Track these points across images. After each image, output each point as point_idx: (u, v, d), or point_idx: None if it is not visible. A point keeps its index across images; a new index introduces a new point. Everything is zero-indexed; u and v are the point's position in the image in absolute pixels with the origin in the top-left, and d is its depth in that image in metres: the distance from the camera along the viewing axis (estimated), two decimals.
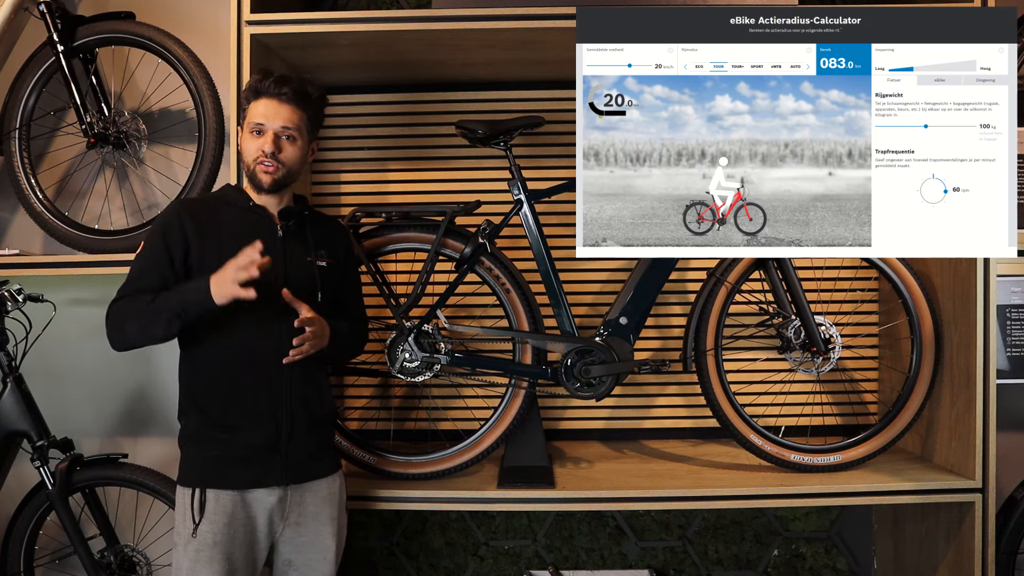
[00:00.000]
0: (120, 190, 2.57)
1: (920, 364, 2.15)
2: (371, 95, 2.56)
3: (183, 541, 1.67)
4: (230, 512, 1.67)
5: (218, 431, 1.68)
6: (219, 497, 1.67)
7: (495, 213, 2.19)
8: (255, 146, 1.72)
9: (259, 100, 1.73)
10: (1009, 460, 2.42)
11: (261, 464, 1.70)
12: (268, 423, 1.70)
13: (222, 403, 1.69)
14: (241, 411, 1.69)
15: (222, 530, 1.66)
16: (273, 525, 1.73)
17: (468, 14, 2.02)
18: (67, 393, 2.55)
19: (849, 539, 2.62)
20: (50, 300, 2.28)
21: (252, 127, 1.73)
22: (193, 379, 1.72)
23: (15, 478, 2.31)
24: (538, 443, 2.19)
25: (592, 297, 2.57)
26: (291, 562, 1.77)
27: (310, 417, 1.76)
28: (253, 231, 1.71)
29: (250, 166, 1.73)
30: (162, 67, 2.35)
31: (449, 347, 2.09)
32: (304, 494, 1.76)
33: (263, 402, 1.70)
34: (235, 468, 1.68)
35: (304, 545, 1.77)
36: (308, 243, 1.81)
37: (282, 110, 1.73)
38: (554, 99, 2.54)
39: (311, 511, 1.77)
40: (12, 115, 2.33)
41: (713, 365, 2.11)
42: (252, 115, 1.73)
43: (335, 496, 1.82)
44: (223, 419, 1.68)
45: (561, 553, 2.62)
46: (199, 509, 1.66)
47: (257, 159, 1.72)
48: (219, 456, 1.68)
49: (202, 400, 1.70)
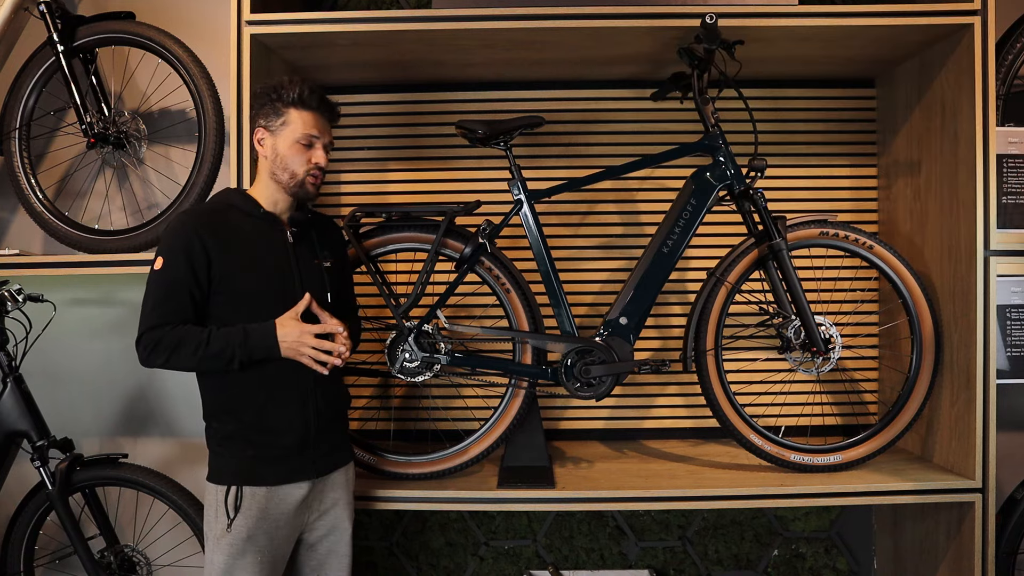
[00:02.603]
0: (120, 190, 2.57)
1: (920, 364, 2.15)
2: (371, 95, 2.56)
3: (216, 535, 1.72)
4: (263, 507, 1.73)
5: (253, 434, 1.73)
6: (253, 493, 1.72)
7: (495, 213, 2.19)
8: (306, 158, 1.77)
9: (306, 112, 1.76)
10: (1009, 460, 2.43)
11: (293, 462, 1.77)
12: (299, 423, 1.76)
13: (256, 408, 1.73)
14: (275, 415, 1.74)
15: (255, 524, 1.71)
16: (301, 516, 1.81)
17: (468, 14, 2.02)
18: (67, 393, 2.55)
19: (849, 539, 2.62)
20: (50, 300, 2.28)
21: (303, 138, 1.76)
22: (221, 385, 1.75)
23: (15, 478, 2.31)
24: (538, 443, 2.19)
25: (592, 297, 2.57)
26: (314, 547, 1.86)
27: (332, 411, 1.84)
28: (266, 239, 1.78)
29: (299, 175, 1.77)
30: (162, 67, 2.36)
31: (449, 347, 2.09)
32: (326, 484, 1.84)
33: (293, 404, 1.76)
34: (269, 467, 1.74)
35: (326, 531, 1.85)
36: (314, 246, 1.86)
37: (327, 127, 1.81)
38: (554, 99, 2.55)
39: (331, 498, 1.85)
40: (12, 115, 2.33)
41: (713, 365, 2.11)
42: (302, 126, 1.76)
43: (350, 482, 1.92)
44: (258, 423, 1.73)
45: (561, 553, 2.62)
46: (234, 505, 1.71)
47: (310, 171, 1.78)
48: (254, 456, 1.74)
49: (234, 405, 1.74)
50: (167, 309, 1.68)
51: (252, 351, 1.68)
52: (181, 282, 1.68)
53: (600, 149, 2.56)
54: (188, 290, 1.68)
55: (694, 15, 2.00)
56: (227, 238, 1.72)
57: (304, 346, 1.71)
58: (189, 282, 1.68)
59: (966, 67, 2.05)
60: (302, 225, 1.84)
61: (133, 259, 2.14)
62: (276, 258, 1.77)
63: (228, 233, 1.73)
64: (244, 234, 1.75)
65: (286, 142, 1.76)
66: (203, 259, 1.69)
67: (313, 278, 1.81)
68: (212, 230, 1.72)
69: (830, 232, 2.14)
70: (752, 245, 2.12)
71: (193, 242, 1.69)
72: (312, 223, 1.88)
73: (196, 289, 1.69)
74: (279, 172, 1.77)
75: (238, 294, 1.72)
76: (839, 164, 2.57)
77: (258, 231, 1.77)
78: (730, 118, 2.22)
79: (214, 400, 1.76)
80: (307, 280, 1.79)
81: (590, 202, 2.56)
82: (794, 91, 2.56)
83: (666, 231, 2.09)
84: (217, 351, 1.66)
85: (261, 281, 1.74)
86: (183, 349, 1.66)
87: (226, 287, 1.71)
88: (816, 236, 2.14)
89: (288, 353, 1.71)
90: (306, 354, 1.72)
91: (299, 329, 1.71)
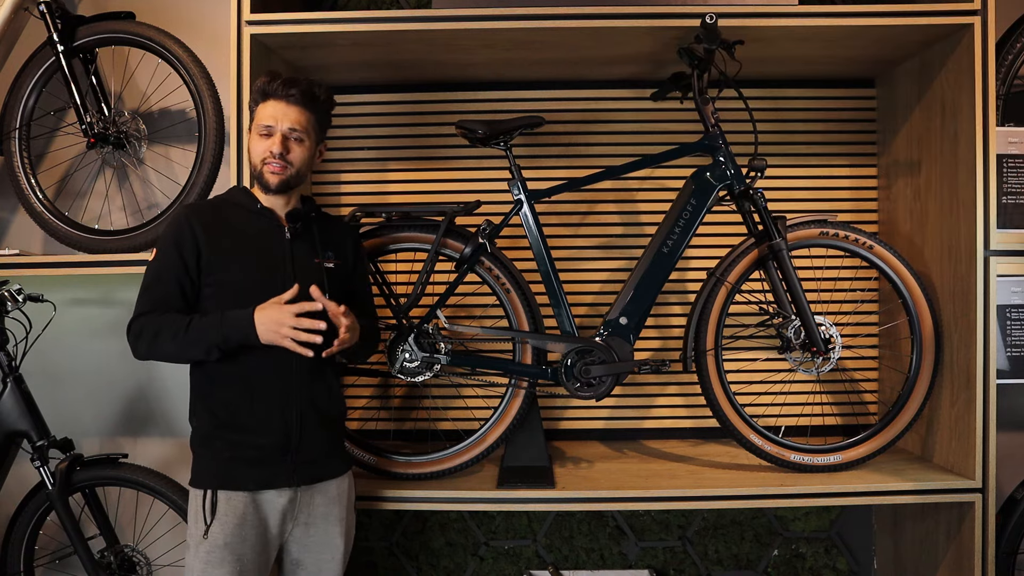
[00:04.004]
0: (120, 190, 2.57)
1: (920, 364, 2.15)
2: (371, 95, 2.56)
3: (195, 542, 1.67)
4: (241, 513, 1.67)
5: (228, 432, 1.69)
6: (230, 498, 1.67)
7: (495, 213, 2.19)
8: (263, 147, 1.72)
9: (267, 102, 1.73)
10: (1009, 460, 2.43)
11: (271, 465, 1.70)
12: (278, 424, 1.70)
13: (231, 404, 1.69)
14: (250, 412, 1.69)
15: (233, 531, 1.66)
16: (283, 526, 1.73)
17: (468, 14, 2.02)
18: (67, 393, 2.55)
19: (849, 539, 2.62)
20: (50, 300, 2.28)
21: (260, 129, 1.73)
22: (203, 380, 1.72)
23: (15, 478, 2.31)
24: (538, 443, 2.19)
25: (592, 297, 2.57)
26: (300, 562, 1.78)
27: (320, 417, 1.76)
28: (261, 233, 1.74)
29: (257, 167, 1.74)
30: (162, 67, 2.36)
31: (449, 347, 2.09)
32: (314, 495, 1.76)
33: (273, 403, 1.70)
34: (246, 469, 1.68)
35: (313, 545, 1.77)
36: (315, 244, 1.81)
37: (290, 111, 1.73)
38: (554, 99, 2.55)
39: (320, 511, 1.77)
40: (12, 115, 2.33)
41: (713, 365, 2.11)
42: (260, 117, 1.74)
43: (344, 496, 1.82)
44: (232, 420, 1.69)
45: (561, 553, 2.62)
46: (210, 510, 1.66)
47: (264, 160, 1.72)
48: (230, 457, 1.68)
49: (212, 401, 1.70)
50: (154, 296, 1.67)
51: (228, 335, 1.63)
52: (169, 269, 1.67)
53: (600, 149, 2.56)
54: (176, 278, 1.67)
55: (694, 15, 2.00)
56: (220, 229, 1.71)
57: (283, 326, 1.61)
58: (178, 270, 1.67)
59: (966, 67, 2.05)
60: (301, 222, 1.79)
61: (133, 259, 2.14)
62: (268, 252, 1.74)
63: (222, 225, 1.72)
64: (239, 227, 1.73)
65: (253, 137, 1.75)
66: (193, 249, 1.68)
67: (310, 276, 1.74)
68: (206, 222, 1.71)
69: (830, 232, 2.14)
70: (752, 245, 2.12)
71: (184, 232, 1.68)
72: (316, 221, 1.84)
73: (185, 278, 1.68)
74: (252, 165, 1.75)
75: (224, 285, 1.69)
76: (839, 164, 2.57)
77: (253, 225, 1.75)
78: (730, 118, 2.22)
79: (195, 397, 1.74)
80: (303, 278, 1.72)
81: (590, 202, 2.56)
82: (794, 91, 2.56)
83: (666, 231, 2.09)
84: (195, 337, 1.63)
85: (248, 272, 1.70)
86: (163, 334, 1.63)
87: (214, 278, 1.69)
88: (816, 236, 2.14)
89: (268, 337, 1.62)
90: (287, 335, 1.61)
91: (276, 308, 1.63)
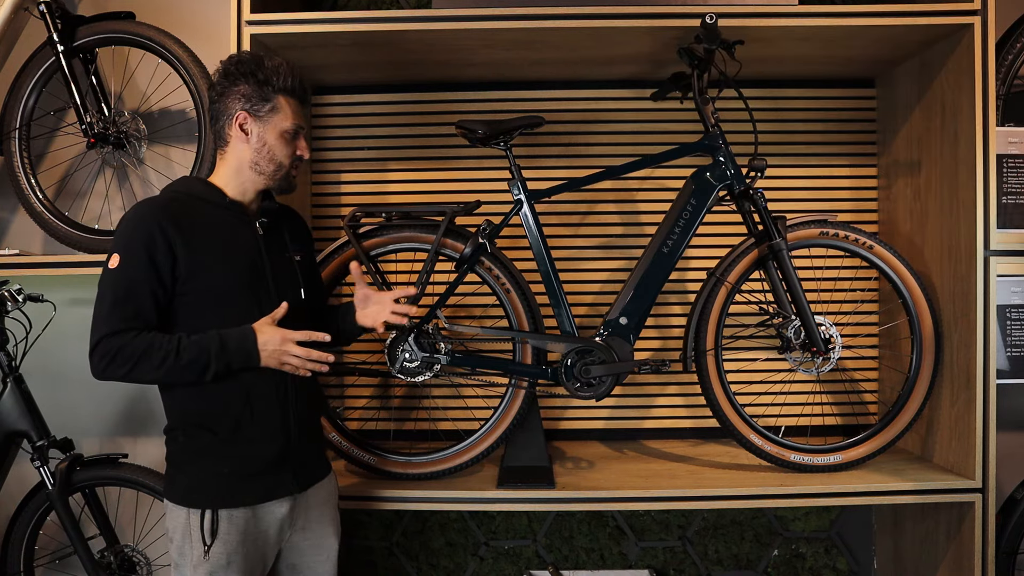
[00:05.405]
0: (120, 190, 2.57)
1: (920, 364, 2.15)
2: (371, 95, 2.56)
3: (192, 563, 1.57)
4: (243, 530, 1.60)
5: (230, 448, 1.59)
6: (232, 516, 1.58)
7: (495, 213, 2.19)
8: (289, 150, 1.66)
9: (294, 100, 1.66)
10: (1009, 460, 2.43)
11: (273, 476, 1.64)
12: (280, 433, 1.64)
13: (234, 419, 1.59)
14: (255, 426, 1.60)
15: (236, 549, 1.58)
16: (282, 534, 1.69)
17: (468, 14, 2.02)
18: (67, 393, 2.55)
19: (849, 539, 2.62)
20: (50, 300, 2.28)
21: (291, 128, 1.65)
22: (190, 396, 1.59)
23: (15, 478, 2.31)
24: (538, 443, 2.18)
25: (592, 297, 2.57)
26: (295, 566, 1.74)
27: (313, 418, 1.76)
28: (232, 230, 1.63)
29: (284, 167, 1.67)
30: (162, 67, 2.36)
31: (449, 347, 2.09)
32: (309, 499, 1.73)
33: (274, 412, 1.63)
34: (248, 484, 1.61)
35: (308, 549, 1.74)
36: (284, 239, 1.75)
37: (301, 109, 1.69)
38: (554, 99, 2.55)
39: (315, 514, 1.74)
40: (12, 115, 2.32)
41: (713, 365, 2.11)
42: (292, 116, 1.65)
43: (332, 496, 1.82)
44: (235, 435, 1.59)
45: (561, 553, 2.62)
46: (210, 531, 1.56)
47: (294, 163, 1.68)
48: (231, 473, 1.59)
49: (207, 417, 1.59)
50: (127, 312, 1.50)
51: (230, 360, 1.54)
52: (142, 280, 1.50)
53: (600, 149, 2.56)
54: (150, 289, 1.51)
55: (694, 15, 2.00)
56: (192, 230, 1.55)
57: (287, 355, 1.57)
58: (151, 280, 1.51)
59: (966, 67, 2.05)
60: (272, 216, 1.71)
61: None
62: (245, 251, 1.63)
63: (193, 224, 1.56)
64: (210, 225, 1.59)
65: (275, 131, 1.63)
66: (167, 254, 1.52)
67: (285, 273, 1.69)
68: (175, 221, 1.53)
69: (830, 232, 2.14)
70: (752, 245, 2.12)
71: (155, 235, 1.51)
72: (280, 215, 1.77)
73: (159, 288, 1.52)
74: (263, 163, 1.64)
75: (206, 292, 1.56)
76: (839, 164, 2.57)
77: (224, 222, 1.62)
78: (730, 118, 2.22)
79: (183, 412, 1.60)
80: (278, 275, 1.67)
81: (590, 202, 2.56)
82: (794, 91, 2.55)
83: (666, 231, 2.09)
84: (189, 362, 1.50)
85: (231, 276, 1.59)
86: (148, 360, 1.49)
87: (194, 285, 1.55)
88: (816, 236, 2.14)
89: (268, 362, 1.57)
90: (290, 363, 1.59)
91: (280, 336, 1.57)
